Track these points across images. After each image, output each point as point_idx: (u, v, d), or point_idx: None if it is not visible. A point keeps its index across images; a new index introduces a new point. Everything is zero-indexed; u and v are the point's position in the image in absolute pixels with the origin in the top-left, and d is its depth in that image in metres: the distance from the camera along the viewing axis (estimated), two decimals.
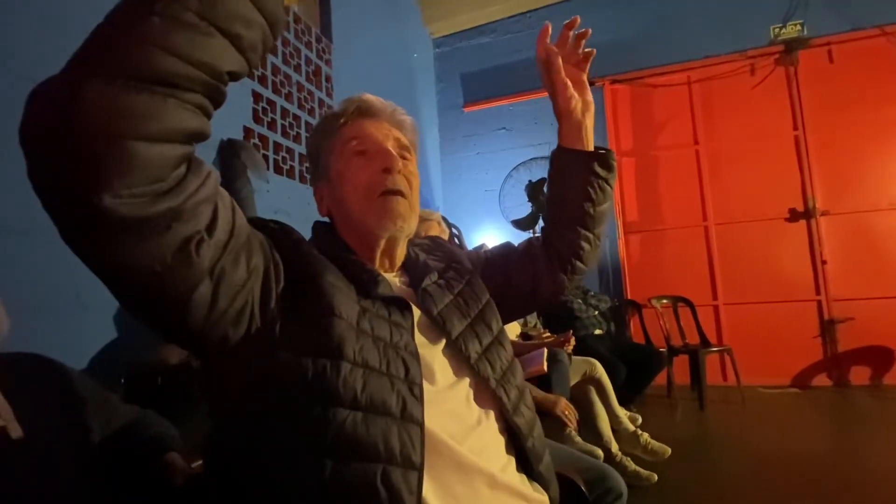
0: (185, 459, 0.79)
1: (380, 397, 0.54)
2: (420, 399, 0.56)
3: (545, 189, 0.84)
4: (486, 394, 0.66)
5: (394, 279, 0.73)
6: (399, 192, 0.69)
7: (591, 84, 0.83)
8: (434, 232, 1.79)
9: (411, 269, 0.76)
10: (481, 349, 0.69)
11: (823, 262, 3.59)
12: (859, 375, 3.46)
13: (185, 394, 1.07)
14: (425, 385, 0.58)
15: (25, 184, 0.37)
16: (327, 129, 0.75)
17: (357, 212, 0.69)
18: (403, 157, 0.72)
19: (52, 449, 0.64)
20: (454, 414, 0.61)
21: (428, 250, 0.83)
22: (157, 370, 1.11)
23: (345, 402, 0.52)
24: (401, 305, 0.64)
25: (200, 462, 0.77)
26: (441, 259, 0.81)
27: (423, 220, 1.71)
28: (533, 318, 2.93)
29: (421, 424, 0.55)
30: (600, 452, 1.89)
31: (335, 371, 0.53)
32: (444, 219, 2.11)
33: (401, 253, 0.76)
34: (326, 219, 0.77)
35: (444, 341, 0.67)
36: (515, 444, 0.66)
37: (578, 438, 1.88)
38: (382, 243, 0.71)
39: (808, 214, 3.65)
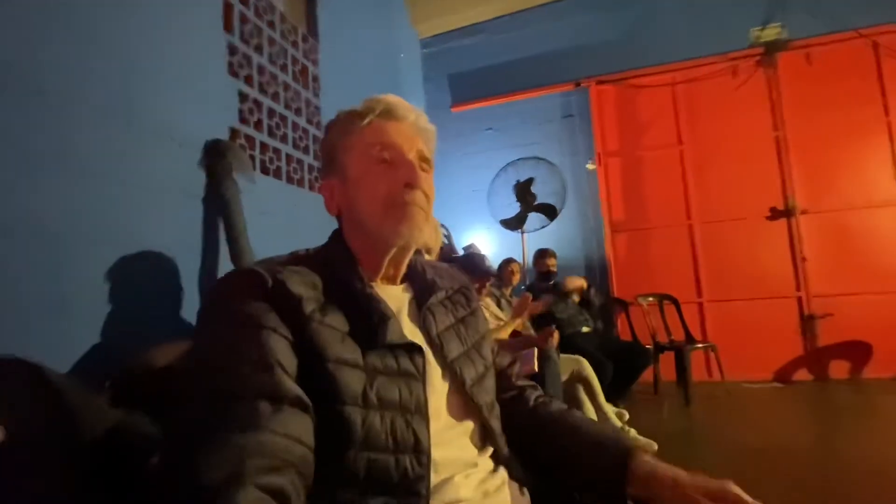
0: None
1: (384, 479, 0.54)
2: (426, 467, 0.57)
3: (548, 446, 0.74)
4: (479, 421, 0.67)
5: (402, 294, 0.72)
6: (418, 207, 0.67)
7: (577, 85, 0.79)
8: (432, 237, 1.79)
9: (417, 282, 0.75)
10: (476, 377, 0.69)
11: (803, 260, 3.68)
12: (839, 369, 3.55)
13: (172, 397, 1.05)
14: (431, 423, 0.59)
15: (10, 183, 0.36)
16: (348, 126, 0.70)
17: (372, 220, 0.67)
18: (423, 171, 0.69)
19: (37, 453, 0.63)
20: (461, 447, 0.63)
21: (436, 268, 0.81)
22: (143, 373, 1.09)
23: (349, 484, 0.53)
24: (411, 350, 0.62)
25: None
26: (449, 281, 0.79)
27: None
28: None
29: (426, 497, 0.56)
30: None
31: (341, 456, 0.53)
32: (440, 225, 2.11)
33: (406, 262, 0.74)
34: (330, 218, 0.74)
35: (444, 368, 0.67)
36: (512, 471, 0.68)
37: None
38: (393, 252, 0.68)
39: (788, 213, 3.74)
